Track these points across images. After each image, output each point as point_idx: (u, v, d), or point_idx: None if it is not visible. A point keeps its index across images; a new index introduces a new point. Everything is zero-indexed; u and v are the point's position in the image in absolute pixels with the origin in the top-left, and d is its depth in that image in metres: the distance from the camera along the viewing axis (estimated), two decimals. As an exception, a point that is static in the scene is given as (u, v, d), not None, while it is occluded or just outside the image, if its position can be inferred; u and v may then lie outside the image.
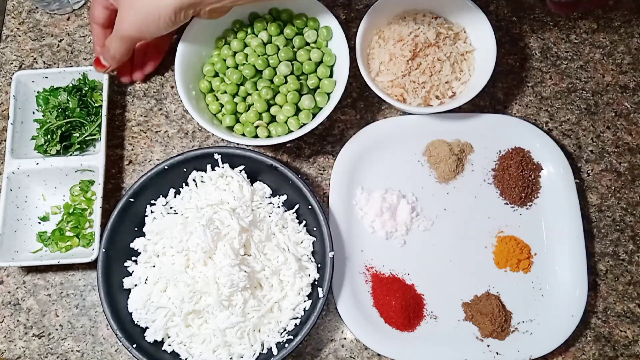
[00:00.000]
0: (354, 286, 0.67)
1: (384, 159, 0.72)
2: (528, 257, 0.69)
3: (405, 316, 0.66)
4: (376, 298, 0.67)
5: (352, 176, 0.71)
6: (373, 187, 0.71)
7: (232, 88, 0.69)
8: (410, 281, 0.68)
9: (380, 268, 0.69)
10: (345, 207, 0.70)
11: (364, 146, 0.72)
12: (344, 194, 0.70)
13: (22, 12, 0.81)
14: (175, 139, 0.75)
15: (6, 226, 0.66)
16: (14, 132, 0.70)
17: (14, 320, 0.68)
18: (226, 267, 0.60)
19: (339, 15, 0.78)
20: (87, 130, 0.71)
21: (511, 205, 0.71)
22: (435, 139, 0.72)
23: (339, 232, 0.68)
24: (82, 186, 0.71)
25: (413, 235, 0.70)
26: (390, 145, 0.72)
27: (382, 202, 0.69)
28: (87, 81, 0.73)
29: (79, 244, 0.69)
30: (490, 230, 0.70)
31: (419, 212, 0.71)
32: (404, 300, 0.66)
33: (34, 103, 0.73)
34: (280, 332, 0.62)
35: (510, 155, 0.72)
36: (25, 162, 0.68)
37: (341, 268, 0.67)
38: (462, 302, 0.68)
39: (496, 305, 0.66)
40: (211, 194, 0.65)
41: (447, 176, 0.71)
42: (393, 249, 0.70)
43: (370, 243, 0.69)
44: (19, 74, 0.71)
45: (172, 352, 0.62)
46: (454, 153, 0.71)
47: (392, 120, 0.73)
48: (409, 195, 0.71)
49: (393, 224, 0.70)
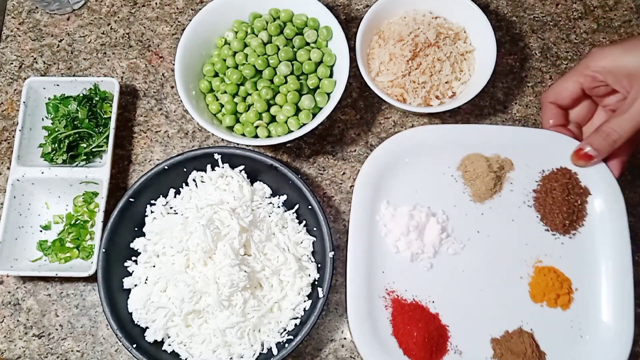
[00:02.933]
0: (371, 311, 0.61)
1: (414, 172, 0.66)
2: (568, 293, 0.62)
3: (427, 349, 0.60)
4: (396, 326, 0.61)
5: (378, 188, 0.65)
6: (400, 201, 0.65)
7: (232, 88, 0.69)
8: (435, 310, 0.62)
9: (403, 293, 0.63)
10: (367, 222, 0.64)
11: (393, 155, 0.66)
12: (367, 207, 0.64)
13: (22, 12, 0.81)
14: (175, 139, 0.75)
15: (7, 233, 0.66)
16: (22, 138, 0.69)
17: (14, 320, 0.68)
18: (226, 267, 0.60)
19: (339, 15, 0.78)
20: (95, 141, 0.71)
21: (552, 232, 0.64)
22: (472, 152, 0.66)
23: (358, 250, 0.63)
24: (85, 197, 0.71)
25: (441, 259, 0.64)
26: (422, 157, 0.66)
27: (409, 219, 0.63)
28: (98, 92, 0.73)
29: (78, 255, 0.69)
30: (527, 259, 0.64)
31: (450, 233, 0.64)
32: (427, 331, 0.60)
33: (43, 110, 0.73)
34: (280, 332, 0.62)
35: (555, 176, 0.65)
36: (30, 170, 0.68)
37: (359, 290, 0.61)
38: (491, 338, 0.61)
39: (529, 345, 0.60)
40: (211, 194, 0.65)
41: (483, 195, 0.65)
42: (418, 272, 0.63)
43: (393, 264, 0.63)
44: (30, 80, 0.71)
45: (172, 352, 0.62)
46: (492, 170, 0.65)
47: (426, 129, 0.67)
48: (440, 214, 0.65)
49: (420, 245, 0.64)
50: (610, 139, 0.60)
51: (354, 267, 0.62)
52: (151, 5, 0.81)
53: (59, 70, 0.78)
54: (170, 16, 0.80)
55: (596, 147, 0.62)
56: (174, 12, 0.80)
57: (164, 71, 0.78)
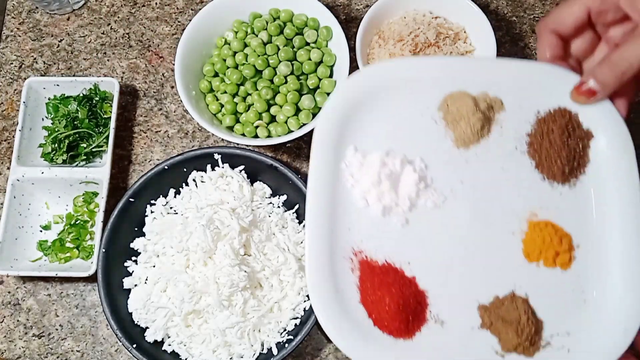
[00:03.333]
0: (335, 275, 0.52)
1: (386, 112, 0.56)
2: (569, 250, 0.53)
3: (402, 318, 0.51)
4: (364, 292, 0.52)
5: (344, 131, 0.55)
6: (370, 147, 0.55)
7: (232, 88, 0.69)
8: (411, 273, 0.53)
9: (372, 253, 0.53)
10: (330, 171, 0.54)
11: (362, 93, 0.56)
12: (331, 154, 0.54)
13: (22, 12, 0.81)
14: (175, 139, 0.75)
15: (7, 233, 0.66)
16: (22, 138, 0.69)
17: (14, 320, 0.68)
18: (226, 267, 0.60)
19: (339, 15, 0.78)
20: (95, 141, 0.71)
21: (550, 181, 0.55)
22: (456, 90, 0.56)
23: (319, 203, 0.53)
24: (85, 197, 0.71)
25: (418, 213, 0.54)
26: (396, 95, 0.56)
27: (380, 167, 0.54)
28: (98, 92, 0.73)
29: (78, 255, 0.69)
30: (520, 213, 0.54)
31: (429, 184, 0.55)
32: (402, 297, 0.51)
33: (43, 110, 0.73)
34: (280, 332, 0.62)
35: (553, 117, 0.56)
36: (30, 170, 0.68)
37: (320, 250, 0.52)
38: (478, 305, 0.52)
39: (523, 311, 0.51)
40: (211, 194, 0.65)
41: (468, 139, 0.56)
42: (391, 229, 0.54)
43: (361, 220, 0.53)
44: (30, 80, 0.71)
45: (172, 352, 0.62)
46: (479, 109, 0.55)
47: (400, 61, 0.58)
48: (417, 161, 0.55)
49: (393, 197, 0.54)
50: (618, 69, 0.51)
51: (314, 224, 0.52)
52: (151, 5, 0.81)
53: (59, 70, 0.78)
54: (170, 16, 0.80)
55: (601, 80, 0.52)
56: (174, 12, 0.80)
57: (164, 71, 0.78)
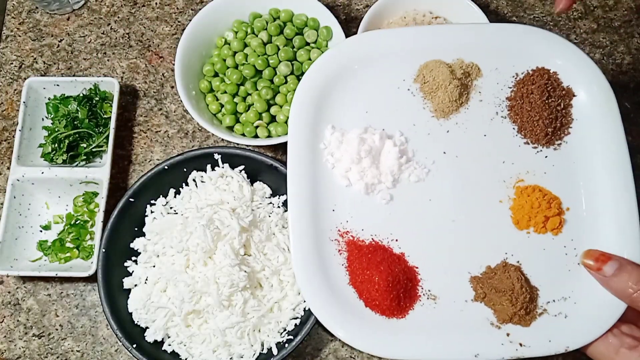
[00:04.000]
0: (322, 258, 0.51)
1: (362, 88, 0.55)
2: (558, 214, 0.52)
3: (393, 297, 0.50)
4: (353, 273, 0.52)
5: (320, 111, 0.55)
6: (348, 125, 0.55)
7: (232, 88, 0.69)
8: (400, 250, 0.52)
9: (359, 233, 0.53)
10: (309, 152, 0.54)
11: (336, 70, 0.55)
12: (308, 135, 0.54)
13: (22, 12, 0.81)
14: (175, 139, 0.75)
15: (8, 233, 0.66)
16: (22, 138, 0.69)
17: (14, 320, 0.68)
18: (226, 267, 0.60)
19: (339, 15, 0.78)
20: (95, 141, 0.71)
21: (533, 145, 0.54)
22: (431, 59, 0.56)
23: (300, 186, 0.53)
24: (85, 197, 0.71)
25: (402, 189, 0.54)
26: (370, 69, 0.56)
27: (360, 144, 0.53)
28: (98, 92, 0.73)
29: (78, 255, 0.69)
30: (506, 180, 0.54)
31: (410, 158, 0.54)
32: (391, 274, 0.50)
33: (43, 110, 0.73)
34: (280, 332, 0.62)
35: (532, 78, 0.55)
36: (30, 170, 0.68)
37: (304, 234, 0.51)
38: (470, 277, 0.52)
39: (517, 279, 0.50)
40: (211, 194, 0.65)
41: (447, 109, 0.55)
42: (375, 207, 0.53)
43: (345, 200, 0.53)
44: (30, 80, 0.71)
45: (172, 352, 0.62)
46: (455, 77, 0.55)
47: (371, 34, 0.57)
48: (397, 135, 0.55)
49: (375, 174, 0.54)
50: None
51: (297, 208, 0.52)
52: (151, 5, 0.81)
53: (59, 70, 0.78)
54: (170, 16, 0.80)
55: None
56: (174, 12, 0.80)
57: (164, 71, 0.78)
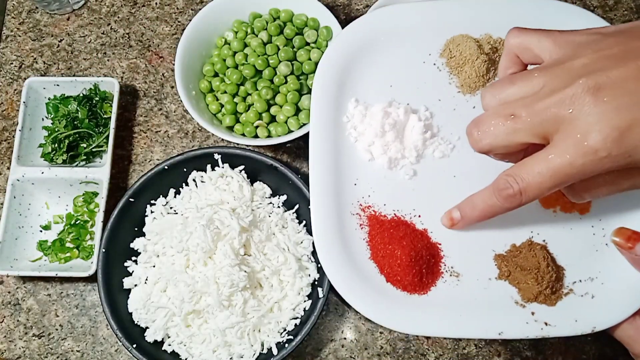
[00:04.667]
0: (343, 232, 0.50)
1: (387, 61, 0.55)
2: None
3: (416, 272, 0.49)
4: (374, 248, 0.50)
5: (344, 83, 0.54)
6: (372, 98, 0.54)
7: (232, 88, 0.69)
8: (422, 226, 0.51)
9: (381, 208, 0.52)
10: (332, 125, 0.53)
11: (361, 43, 0.54)
12: (331, 108, 0.53)
13: (22, 12, 0.81)
14: (175, 139, 0.75)
15: (7, 233, 0.66)
16: (22, 138, 0.69)
17: (14, 320, 0.68)
18: (226, 267, 0.60)
19: (339, 15, 0.78)
20: (95, 141, 0.71)
21: None
22: (458, 34, 0.55)
23: (322, 159, 0.52)
24: (85, 197, 0.71)
25: (426, 164, 0.53)
26: (396, 43, 0.55)
27: (384, 117, 0.52)
28: (98, 92, 0.73)
29: (78, 255, 0.69)
30: None
31: (435, 133, 0.53)
32: (414, 249, 0.49)
33: (43, 110, 0.73)
34: (280, 332, 0.62)
35: None
36: (30, 170, 0.68)
37: (326, 207, 0.50)
38: (494, 255, 0.50)
39: (543, 258, 0.48)
40: (211, 194, 0.65)
41: (474, 84, 0.54)
42: (399, 182, 0.52)
43: (367, 174, 0.52)
44: (30, 80, 0.71)
45: (172, 352, 0.62)
46: (483, 52, 0.54)
47: (397, 8, 0.55)
48: (422, 110, 0.54)
49: (399, 148, 0.52)
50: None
51: (318, 181, 0.51)
52: (151, 5, 0.81)
53: (59, 70, 0.78)
54: (170, 16, 0.80)
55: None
56: (174, 12, 0.80)
57: (164, 71, 0.78)
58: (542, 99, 0.40)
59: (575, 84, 0.38)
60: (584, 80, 0.38)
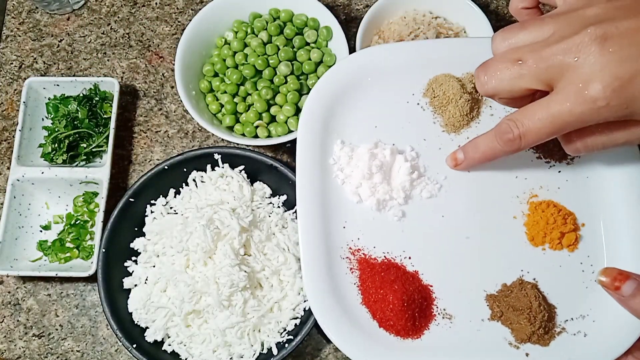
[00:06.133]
0: (334, 277, 0.50)
1: (371, 102, 0.55)
2: (574, 229, 0.51)
3: (408, 317, 0.49)
4: (366, 293, 0.50)
5: (329, 125, 0.54)
6: (358, 139, 0.54)
7: (232, 88, 0.69)
8: (413, 267, 0.51)
9: (371, 250, 0.51)
10: (318, 168, 0.53)
11: (344, 84, 0.54)
12: (317, 150, 0.53)
13: (22, 12, 0.81)
14: (175, 139, 0.75)
15: (7, 233, 0.66)
16: (22, 138, 0.69)
17: (14, 320, 0.68)
18: (226, 267, 0.60)
19: (339, 15, 0.78)
20: (95, 141, 0.71)
21: (546, 159, 0.53)
22: (440, 73, 0.55)
23: (310, 202, 0.52)
24: (85, 197, 0.71)
25: (414, 205, 0.53)
26: (379, 83, 0.55)
27: (370, 159, 0.52)
28: (98, 92, 0.73)
29: (78, 255, 0.69)
30: (519, 195, 0.52)
31: (422, 173, 0.54)
32: (405, 293, 0.49)
33: (43, 110, 0.73)
34: (280, 332, 0.62)
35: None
36: (30, 170, 0.68)
37: (315, 252, 0.50)
38: (486, 295, 0.50)
39: (534, 297, 0.49)
40: (211, 194, 0.65)
41: (458, 123, 0.55)
42: (387, 223, 0.52)
43: (356, 216, 0.52)
44: (30, 80, 0.71)
45: (172, 352, 0.62)
46: (466, 91, 0.54)
47: (380, 48, 0.56)
48: (408, 151, 0.54)
49: (387, 190, 0.53)
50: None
51: (307, 226, 0.51)
52: (151, 5, 0.81)
53: (59, 70, 0.78)
54: (170, 16, 0.80)
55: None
56: (174, 12, 0.80)
57: (164, 71, 0.78)
58: (550, 45, 0.40)
59: (583, 32, 0.39)
60: (592, 29, 0.38)
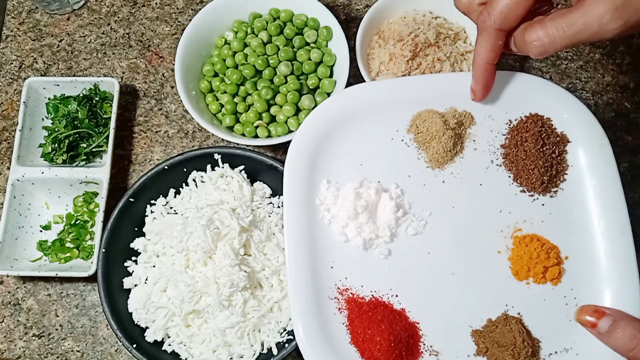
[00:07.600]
0: (322, 317, 0.51)
1: (356, 139, 0.55)
2: (557, 263, 0.52)
3: (395, 356, 0.49)
4: (354, 332, 0.51)
5: (315, 164, 0.54)
6: (344, 177, 0.55)
7: (232, 88, 0.69)
8: (400, 305, 0.52)
9: (359, 289, 0.52)
10: (305, 208, 0.53)
11: (328, 124, 0.55)
12: (303, 191, 0.54)
13: (22, 12, 0.81)
14: (175, 139, 0.75)
15: (7, 233, 0.66)
16: (22, 138, 0.70)
17: (14, 320, 0.68)
18: (226, 267, 0.60)
19: (339, 15, 0.78)
20: (95, 141, 0.71)
21: (530, 193, 0.54)
22: (423, 109, 0.55)
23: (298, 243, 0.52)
24: (85, 197, 0.71)
25: (400, 242, 0.54)
26: (364, 120, 0.56)
27: (356, 199, 0.53)
28: (98, 92, 0.73)
29: (78, 255, 0.69)
30: (503, 229, 0.53)
31: (407, 210, 0.54)
32: (392, 333, 0.50)
33: (43, 110, 0.73)
34: (280, 332, 0.62)
35: (525, 125, 0.54)
36: (30, 170, 0.68)
37: (304, 292, 0.51)
38: (471, 330, 0.51)
39: (518, 333, 0.49)
40: (211, 194, 0.65)
41: (442, 159, 0.55)
42: (374, 262, 0.53)
43: (343, 256, 0.53)
44: (30, 80, 0.71)
45: (172, 352, 0.62)
46: (449, 127, 0.55)
47: (362, 87, 0.57)
48: (393, 188, 0.55)
49: (373, 229, 0.53)
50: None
51: (295, 266, 0.52)
52: (151, 5, 0.81)
53: (59, 70, 0.78)
54: (170, 16, 0.80)
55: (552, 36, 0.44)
56: (174, 12, 0.80)
57: (164, 71, 0.78)
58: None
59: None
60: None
